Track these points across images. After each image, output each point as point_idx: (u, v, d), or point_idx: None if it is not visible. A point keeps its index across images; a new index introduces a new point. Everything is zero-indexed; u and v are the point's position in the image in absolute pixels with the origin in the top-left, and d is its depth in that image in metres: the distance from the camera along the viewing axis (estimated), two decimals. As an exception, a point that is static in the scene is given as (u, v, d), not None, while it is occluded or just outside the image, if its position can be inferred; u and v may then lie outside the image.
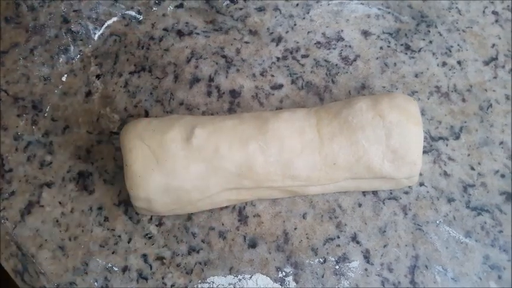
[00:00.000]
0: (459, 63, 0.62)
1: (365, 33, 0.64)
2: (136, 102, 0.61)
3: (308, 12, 0.65)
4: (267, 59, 0.63)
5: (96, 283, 0.53)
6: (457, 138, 0.58)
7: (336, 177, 0.52)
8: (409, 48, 0.63)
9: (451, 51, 0.62)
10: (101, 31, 0.65)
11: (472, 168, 0.57)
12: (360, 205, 0.56)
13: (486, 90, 0.60)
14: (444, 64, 0.62)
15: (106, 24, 0.65)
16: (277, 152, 0.51)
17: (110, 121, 0.60)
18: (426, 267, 0.53)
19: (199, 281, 0.53)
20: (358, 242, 0.54)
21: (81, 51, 0.64)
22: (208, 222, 0.56)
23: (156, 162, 0.50)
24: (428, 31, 0.64)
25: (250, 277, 0.53)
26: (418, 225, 0.55)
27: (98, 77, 0.63)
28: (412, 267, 0.53)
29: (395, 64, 0.62)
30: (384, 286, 0.53)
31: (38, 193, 0.57)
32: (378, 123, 0.51)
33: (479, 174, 0.57)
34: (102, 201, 0.57)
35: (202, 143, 0.50)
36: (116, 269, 0.54)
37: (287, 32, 0.64)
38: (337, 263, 0.54)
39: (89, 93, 0.62)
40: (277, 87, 0.61)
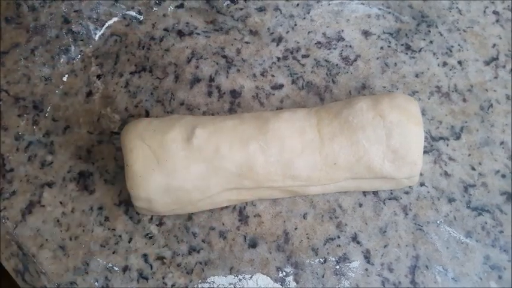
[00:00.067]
0: (460, 63, 0.62)
1: (365, 33, 0.64)
2: (137, 102, 0.61)
3: (308, 12, 0.65)
4: (268, 59, 0.63)
5: (96, 283, 0.54)
6: (458, 138, 0.58)
7: (336, 177, 0.52)
8: (409, 48, 0.63)
9: (451, 51, 0.62)
10: (102, 31, 0.65)
11: (473, 168, 0.57)
12: (361, 205, 0.56)
13: (487, 90, 0.60)
14: (445, 64, 0.62)
15: (107, 25, 0.65)
16: (278, 152, 0.51)
17: (111, 121, 0.60)
18: (427, 267, 0.53)
19: (200, 281, 0.53)
20: (358, 242, 0.54)
21: (81, 51, 0.64)
22: (208, 222, 0.56)
23: (156, 162, 0.50)
24: (429, 31, 0.63)
25: (251, 277, 0.53)
26: (418, 225, 0.55)
27: (99, 77, 0.63)
28: (413, 267, 0.53)
29: (395, 64, 0.62)
30: (385, 286, 0.53)
31: (38, 193, 0.57)
32: (379, 123, 0.51)
33: (480, 174, 0.57)
34: (102, 201, 0.57)
35: (203, 143, 0.50)
36: (117, 269, 0.54)
37: (287, 32, 0.64)
38: (338, 263, 0.54)
39: (89, 94, 0.62)
40: (277, 87, 0.61)
